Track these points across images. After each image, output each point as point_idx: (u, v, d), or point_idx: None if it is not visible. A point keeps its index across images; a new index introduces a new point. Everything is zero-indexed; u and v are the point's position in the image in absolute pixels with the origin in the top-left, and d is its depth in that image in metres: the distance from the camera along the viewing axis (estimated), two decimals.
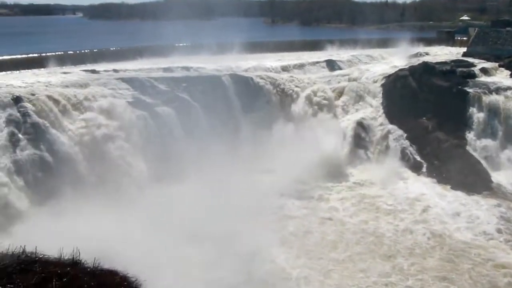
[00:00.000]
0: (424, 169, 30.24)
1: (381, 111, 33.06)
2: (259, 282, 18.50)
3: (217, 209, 21.40)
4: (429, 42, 52.79)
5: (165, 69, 32.39)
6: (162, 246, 18.54)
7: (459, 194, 27.23)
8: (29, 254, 4.57)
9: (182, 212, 21.04)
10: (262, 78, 33.38)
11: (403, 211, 25.52)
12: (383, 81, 34.50)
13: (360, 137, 32.01)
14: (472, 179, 28.17)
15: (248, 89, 32.03)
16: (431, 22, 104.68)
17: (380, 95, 33.81)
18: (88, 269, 4.66)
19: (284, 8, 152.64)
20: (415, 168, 30.40)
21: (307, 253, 21.14)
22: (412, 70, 34.86)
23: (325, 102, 33.15)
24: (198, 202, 21.82)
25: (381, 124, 32.48)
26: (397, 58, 42.05)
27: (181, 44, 40.54)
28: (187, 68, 33.07)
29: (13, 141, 22.15)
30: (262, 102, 32.13)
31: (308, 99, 33.06)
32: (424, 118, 32.33)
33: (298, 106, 32.88)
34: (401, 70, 35.30)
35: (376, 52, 45.50)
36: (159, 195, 23.62)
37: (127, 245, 16.55)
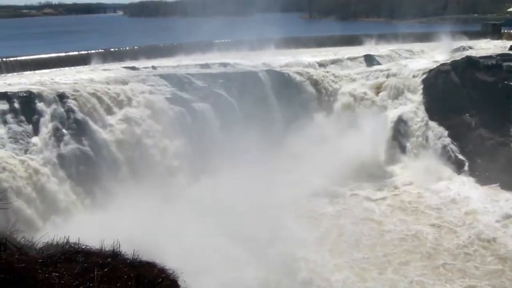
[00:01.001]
0: (466, 168, 29.20)
1: (422, 107, 32.04)
2: (302, 284, 18.39)
3: (252, 207, 21.47)
4: (473, 35, 50.53)
5: (203, 66, 32.68)
6: (199, 241, 18.81)
7: (508, 195, 25.87)
8: (72, 245, 4.74)
9: (219, 208, 21.26)
10: (299, 73, 33.13)
11: (445, 212, 24.68)
12: (423, 76, 33.41)
13: (400, 134, 31.26)
14: None
15: (285, 85, 31.86)
16: (475, 15, 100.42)
17: (421, 90, 32.72)
18: (128, 261, 4.78)
19: (322, 3, 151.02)
20: (457, 166, 29.40)
21: (345, 255, 20.86)
22: (455, 64, 33.61)
23: (364, 98, 32.63)
24: (233, 199, 21.95)
25: (421, 121, 31.54)
26: (438, 52, 40.57)
27: (218, 41, 40.73)
28: (224, 65, 33.25)
29: (58, 136, 23.09)
30: (298, 98, 31.87)
31: (346, 97, 32.58)
32: (467, 114, 31.17)
33: (336, 104, 32.46)
34: (443, 64, 34.09)
35: (416, 46, 44.05)
36: (196, 191, 24.02)
37: (165, 239, 16.90)
